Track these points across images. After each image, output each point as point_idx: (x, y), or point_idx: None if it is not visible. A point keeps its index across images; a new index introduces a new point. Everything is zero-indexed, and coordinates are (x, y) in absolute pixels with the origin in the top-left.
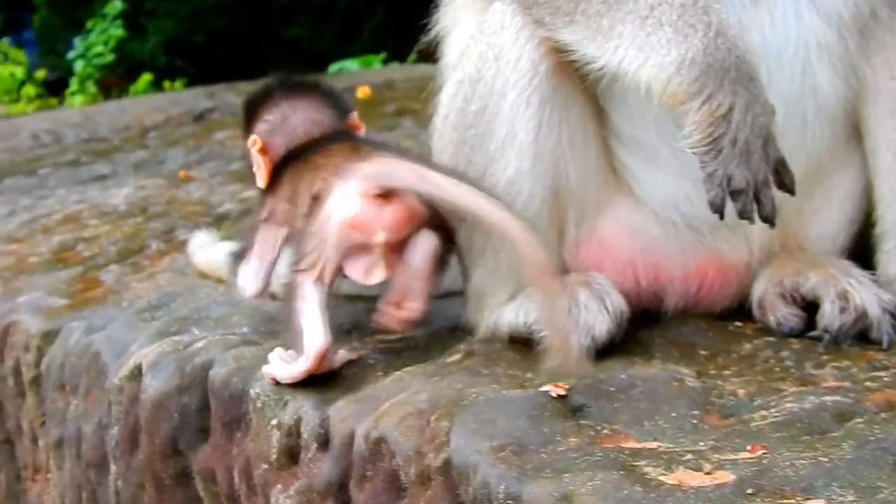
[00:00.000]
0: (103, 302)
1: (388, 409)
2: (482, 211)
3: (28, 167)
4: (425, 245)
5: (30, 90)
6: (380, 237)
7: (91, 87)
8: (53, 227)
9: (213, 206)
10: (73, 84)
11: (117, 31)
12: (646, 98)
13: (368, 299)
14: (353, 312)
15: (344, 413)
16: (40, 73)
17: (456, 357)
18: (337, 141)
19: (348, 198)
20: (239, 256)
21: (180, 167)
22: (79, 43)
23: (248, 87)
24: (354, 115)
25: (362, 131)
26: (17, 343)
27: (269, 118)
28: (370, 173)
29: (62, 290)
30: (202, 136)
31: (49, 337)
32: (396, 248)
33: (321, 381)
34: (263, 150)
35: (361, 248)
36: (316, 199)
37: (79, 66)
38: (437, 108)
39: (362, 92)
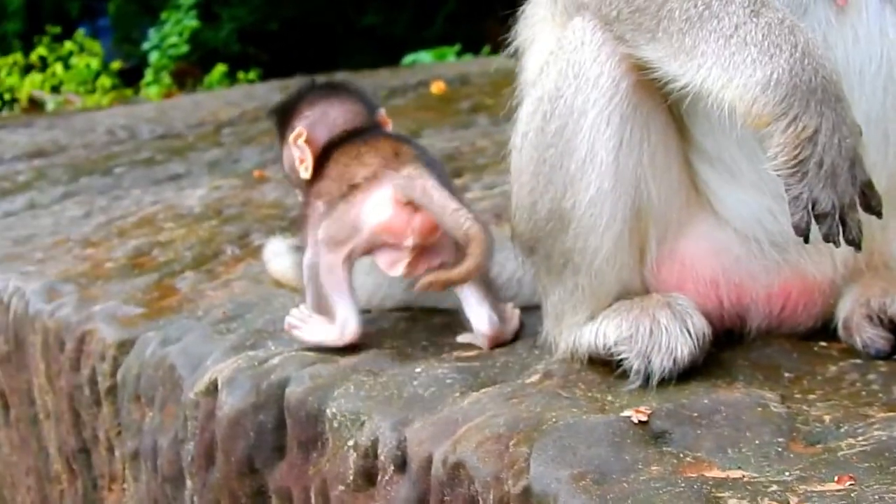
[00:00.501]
0: (178, 311)
1: (466, 432)
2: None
3: (104, 165)
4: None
5: (105, 81)
6: (409, 242)
7: (165, 78)
8: (129, 231)
9: (287, 208)
10: (148, 75)
11: (192, 23)
12: (729, 119)
13: (445, 313)
14: (430, 328)
15: (421, 435)
16: (115, 65)
17: (534, 378)
18: (378, 136)
19: (383, 204)
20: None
21: (255, 166)
22: (153, 34)
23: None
24: (383, 112)
25: (389, 127)
26: (93, 352)
27: (309, 113)
28: (404, 184)
29: (137, 298)
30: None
31: (124, 347)
32: (424, 255)
33: (396, 400)
34: (307, 141)
35: (392, 246)
36: (353, 188)
37: (153, 57)
38: (517, 124)
39: (436, 87)
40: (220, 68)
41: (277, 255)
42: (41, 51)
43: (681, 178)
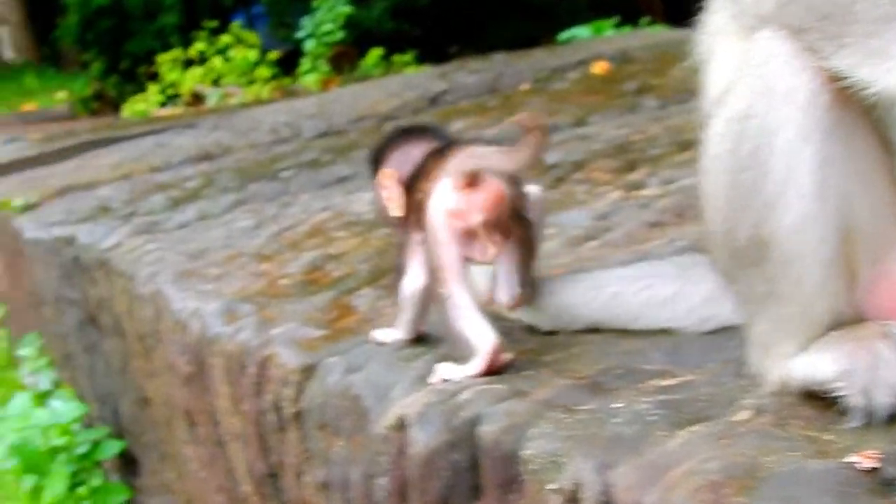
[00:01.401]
0: (358, 332)
1: (677, 478)
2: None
3: (270, 169)
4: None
5: (264, 72)
6: (477, 218)
7: (322, 66)
8: (301, 242)
9: None
10: (305, 63)
11: (345, 8)
12: None
13: (638, 335)
14: (623, 353)
15: (628, 480)
16: (272, 55)
17: (744, 415)
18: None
19: (443, 194)
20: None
21: None
22: (307, 22)
23: (478, 65)
24: None
25: None
26: (275, 377)
27: (395, 155)
28: (453, 167)
29: (316, 318)
30: (441, 124)
31: (307, 372)
32: (497, 229)
33: (597, 440)
34: (397, 181)
35: (469, 235)
36: (420, 207)
37: (309, 45)
38: (705, 146)
39: (599, 67)
40: (376, 52)
41: None
42: (200, 45)
43: (889, 192)
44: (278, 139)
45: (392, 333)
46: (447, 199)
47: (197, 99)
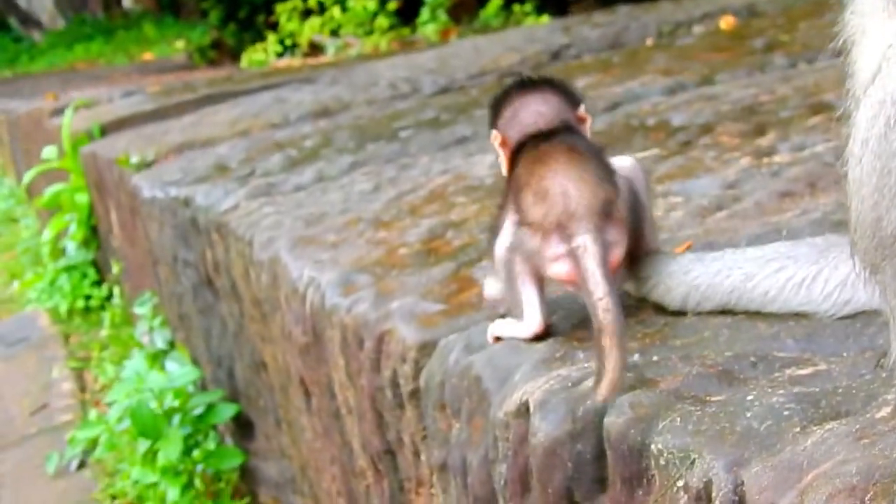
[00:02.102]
0: (479, 308)
1: (813, 481)
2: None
3: (389, 128)
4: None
5: (382, 22)
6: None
7: (442, 15)
8: (420, 208)
9: None
10: (424, 14)
11: None
12: None
13: (772, 318)
14: (756, 338)
15: (762, 481)
16: (391, 5)
17: (885, 412)
18: (557, 139)
19: (561, 260)
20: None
21: None
22: None
23: (602, 19)
24: (583, 108)
25: (588, 122)
26: (393, 353)
27: (505, 114)
28: (569, 254)
29: (435, 292)
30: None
31: (426, 349)
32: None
33: (728, 436)
34: (503, 143)
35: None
36: (536, 196)
37: None
38: (853, 130)
39: (725, 22)
40: (496, 1)
41: None
42: None
43: None
44: (397, 95)
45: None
46: (561, 267)
47: (315, 49)
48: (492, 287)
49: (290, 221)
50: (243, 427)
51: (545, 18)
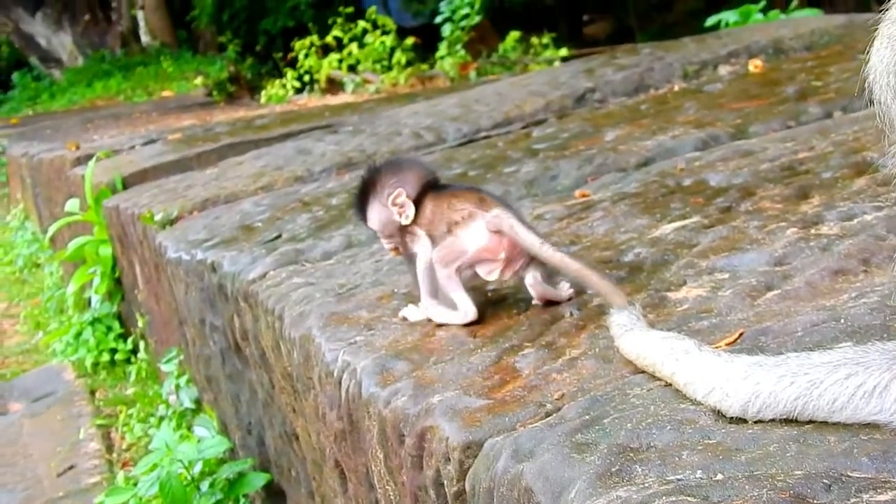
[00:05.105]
0: (524, 403)
1: None
2: (562, 264)
3: None
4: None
5: (400, 58)
6: (501, 255)
7: (459, 51)
8: None
9: (620, 248)
10: (442, 49)
11: None
12: None
13: (839, 428)
14: (826, 454)
15: None
16: (409, 41)
17: None
18: (460, 189)
19: (481, 233)
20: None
21: (575, 184)
22: (444, 7)
23: (626, 60)
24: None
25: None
26: (436, 451)
27: (395, 178)
28: (494, 220)
29: (477, 384)
30: (592, 134)
31: (471, 450)
32: (513, 262)
33: None
34: (406, 196)
35: (488, 260)
36: (454, 225)
37: (446, 30)
38: None
39: (754, 65)
40: (514, 34)
41: (627, 329)
42: (336, 31)
43: None
44: (421, 144)
45: (419, 311)
46: (481, 238)
47: (333, 85)
48: (412, 314)
49: (321, 295)
50: (274, 496)
51: (564, 51)
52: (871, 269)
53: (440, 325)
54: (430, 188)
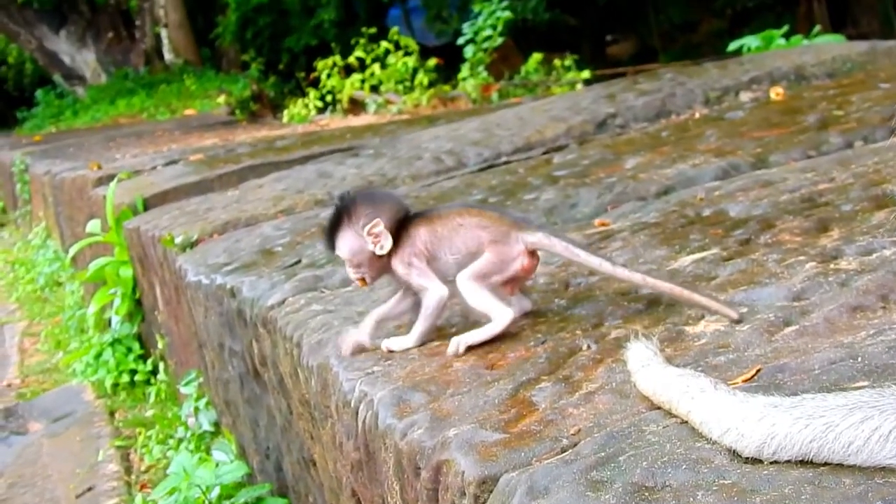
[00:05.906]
0: (540, 438)
1: None
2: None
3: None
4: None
5: (423, 79)
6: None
7: (482, 72)
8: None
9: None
10: (464, 70)
11: (504, 14)
12: None
13: (852, 471)
14: (842, 499)
15: None
16: (431, 62)
17: None
18: (456, 208)
19: (523, 254)
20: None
21: (594, 213)
22: (467, 28)
23: (648, 86)
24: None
25: None
26: (451, 485)
27: (371, 209)
28: (541, 242)
29: (493, 418)
30: (612, 161)
31: (486, 484)
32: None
33: None
34: (384, 226)
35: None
36: (492, 244)
37: (469, 51)
38: None
39: (776, 93)
40: (537, 56)
41: (644, 364)
42: (358, 52)
43: None
44: (441, 169)
45: (405, 342)
46: (524, 259)
47: (356, 105)
48: (396, 344)
49: (339, 322)
50: None
51: (586, 73)
52: (889, 306)
53: (459, 356)
54: (406, 220)
